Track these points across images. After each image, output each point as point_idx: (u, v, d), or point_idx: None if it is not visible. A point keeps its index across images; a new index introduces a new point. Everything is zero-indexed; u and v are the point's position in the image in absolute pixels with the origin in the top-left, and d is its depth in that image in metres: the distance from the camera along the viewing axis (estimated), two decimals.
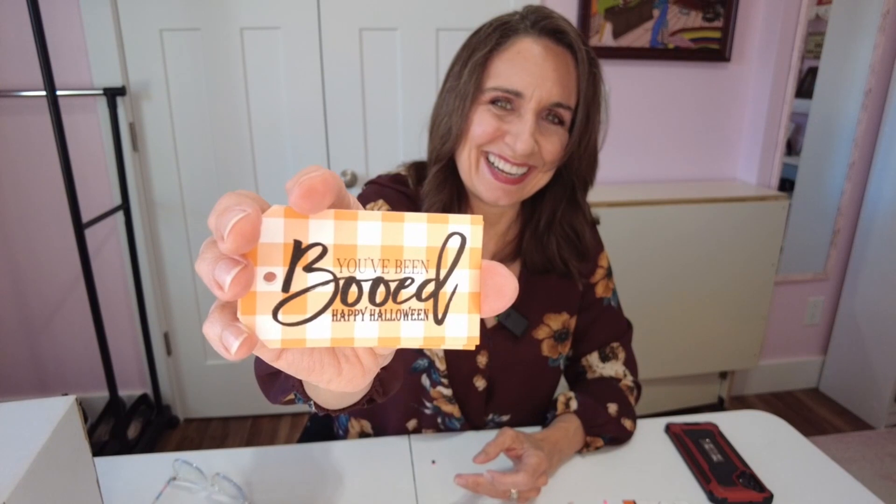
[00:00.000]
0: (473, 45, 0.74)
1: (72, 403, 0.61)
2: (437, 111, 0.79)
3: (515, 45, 0.71)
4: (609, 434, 0.87)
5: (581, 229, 0.86)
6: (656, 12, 2.00)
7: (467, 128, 0.73)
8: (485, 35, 0.73)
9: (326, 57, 1.93)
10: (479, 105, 0.73)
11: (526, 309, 0.88)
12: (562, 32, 0.71)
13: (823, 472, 0.84)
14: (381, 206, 0.83)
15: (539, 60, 0.70)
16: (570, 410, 0.87)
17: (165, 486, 0.79)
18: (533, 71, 0.70)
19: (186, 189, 2.02)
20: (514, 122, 0.72)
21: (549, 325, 0.90)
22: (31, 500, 0.52)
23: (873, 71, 2.11)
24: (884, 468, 2.00)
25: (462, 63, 0.74)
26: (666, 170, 2.24)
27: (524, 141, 0.70)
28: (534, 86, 0.70)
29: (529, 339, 0.89)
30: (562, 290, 0.90)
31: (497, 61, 0.71)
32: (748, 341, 2.18)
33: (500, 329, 0.87)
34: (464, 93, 0.72)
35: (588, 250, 0.88)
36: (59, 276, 2.06)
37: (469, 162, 0.75)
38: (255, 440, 2.17)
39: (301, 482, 0.81)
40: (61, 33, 1.80)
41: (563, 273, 0.87)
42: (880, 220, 2.20)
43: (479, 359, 0.87)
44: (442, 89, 0.78)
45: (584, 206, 0.86)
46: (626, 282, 2.01)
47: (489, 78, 0.72)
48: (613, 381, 0.94)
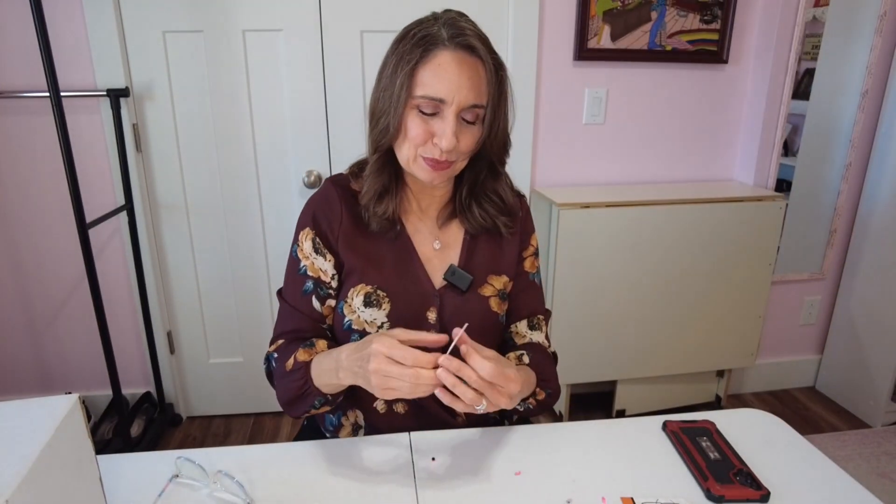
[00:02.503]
0: (401, 53, 0.86)
1: (75, 402, 0.61)
2: (373, 106, 0.92)
3: (436, 57, 0.84)
4: (550, 389, 0.98)
5: (503, 192, 1.01)
6: (654, 14, 2.01)
7: (402, 127, 0.87)
8: (410, 47, 0.85)
9: (328, 59, 1.94)
10: (410, 109, 0.86)
11: (470, 268, 1.00)
12: (472, 48, 0.85)
13: (820, 470, 0.85)
14: (307, 234, 0.97)
15: (456, 71, 0.84)
16: (524, 363, 0.97)
17: (168, 484, 0.80)
18: (452, 80, 0.84)
19: (189, 189, 2.03)
20: (437, 124, 0.86)
21: (492, 284, 1.01)
22: (34, 498, 0.52)
23: (870, 72, 2.13)
24: (880, 466, 2.02)
25: (392, 69, 0.87)
26: (664, 170, 2.25)
27: (448, 139, 0.85)
28: (453, 92, 0.84)
29: (477, 295, 1.00)
30: (500, 253, 1.03)
31: (422, 71, 0.85)
32: (745, 340, 2.20)
33: (447, 287, 0.98)
34: (397, 98, 0.85)
35: (510, 208, 1.02)
36: (62, 276, 2.07)
37: (408, 156, 0.90)
38: (257, 438, 2.18)
39: (302, 479, 0.82)
40: (65, 35, 1.81)
41: (493, 230, 1.01)
42: (877, 220, 2.22)
43: (429, 315, 0.97)
44: (377, 86, 0.91)
45: (504, 176, 1.01)
46: (623, 281, 2.03)
47: (417, 86, 0.85)
48: (542, 347, 1.04)
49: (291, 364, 0.91)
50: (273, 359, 0.97)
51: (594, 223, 1.93)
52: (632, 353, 2.10)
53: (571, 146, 2.15)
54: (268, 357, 0.99)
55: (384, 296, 0.94)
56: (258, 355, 2.24)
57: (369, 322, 0.94)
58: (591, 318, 2.01)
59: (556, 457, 0.87)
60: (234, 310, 2.19)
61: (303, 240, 0.98)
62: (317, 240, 0.97)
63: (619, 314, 2.04)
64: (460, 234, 1.02)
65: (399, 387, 0.74)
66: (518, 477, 0.82)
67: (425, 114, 0.86)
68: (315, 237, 0.97)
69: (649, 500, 0.78)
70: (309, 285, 0.97)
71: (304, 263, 0.97)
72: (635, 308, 2.05)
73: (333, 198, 0.98)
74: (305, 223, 0.99)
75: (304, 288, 0.97)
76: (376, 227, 0.96)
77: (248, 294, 2.18)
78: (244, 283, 2.16)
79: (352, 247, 0.96)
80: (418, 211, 1.01)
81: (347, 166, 1.03)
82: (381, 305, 0.94)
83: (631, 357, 2.11)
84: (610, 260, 1.98)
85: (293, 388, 0.90)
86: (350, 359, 0.80)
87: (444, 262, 1.00)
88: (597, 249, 1.96)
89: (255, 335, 2.23)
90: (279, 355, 0.95)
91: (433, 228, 1.02)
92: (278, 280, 2.19)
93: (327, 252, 0.97)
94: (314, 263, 0.97)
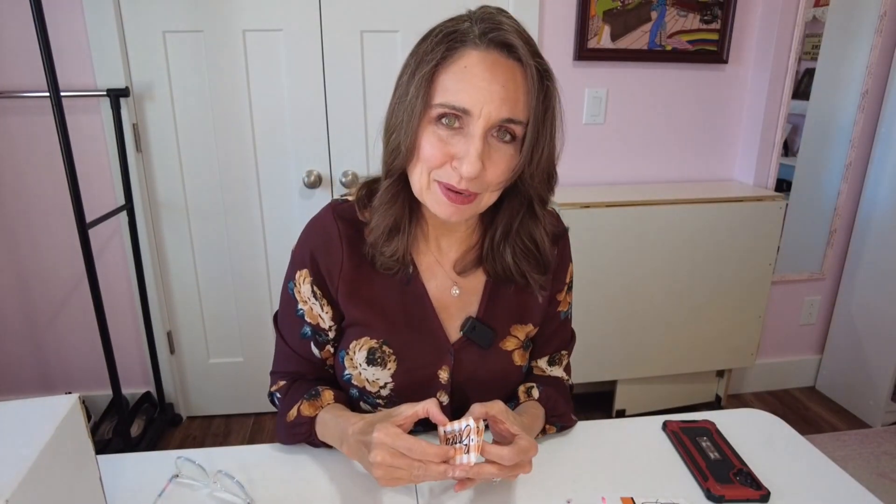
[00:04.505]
0: (421, 55, 0.69)
1: (75, 402, 0.61)
2: (388, 121, 0.75)
3: (462, 58, 0.67)
4: (561, 423, 0.91)
5: (541, 240, 0.83)
6: (654, 14, 2.01)
7: (416, 146, 0.70)
8: (432, 45, 0.68)
9: (328, 59, 1.94)
10: (428, 123, 0.69)
11: (492, 319, 0.87)
12: (510, 47, 0.67)
13: (820, 470, 0.85)
14: (305, 276, 0.83)
15: (487, 75, 0.66)
16: (533, 398, 0.89)
17: (168, 484, 0.80)
18: (480, 86, 0.66)
19: (189, 189, 2.03)
20: (460, 143, 0.69)
21: (516, 336, 0.89)
22: (35, 497, 0.52)
23: (870, 72, 2.13)
24: (880, 466, 2.02)
25: (410, 74, 0.70)
26: (664, 170, 2.25)
27: (471, 162, 0.67)
28: (481, 103, 0.66)
29: (498, 350, 0.87)
30: (525, 301, 0.89)
31: (444, 75, 0.67)
32: (745, 340, 2.20)
33: (465, 342, 0.86)
34: (411, 109, 0.69)
35: (548, 262, 0.85)
36: (62, 276, 2.07)
37: (420, 182, 0.73)
38: (257, 438, 2.19)
39: (302, 479, 0.82)
40: (65, 35, 1.81)
41: (523, 285, 0.85)
42: (877, 220, 2.22)
43: (441, 374, 0.85)
44: (392, 97, 0.74)
45: (543, 219, 0.82)
46: (623, 281, 2.02)
47: (436, 93, 0.68)
48: (560, 381, 0.97)
49: (294, 417, 0.84)
50: (276, 398, 0.91)
51: (594, 223, 1.93)
52: (632, 353, 2.10)
53: (571, 146, 2.15)
54: (271, 394, 0.93)
55: (390, 353, 0.83)
56: (258, 355, 2.24)
57: (370, 381, 0.84)
58: (591, 318, 2.01)
59: (556, 457, 0.87)
60: (234, 310, 2.19)
61: (300, 281, 0.84)
62: (314, 287, 0.84)
63: (618, 314, 2.04)
64: (481, 278, 0.87)
65: (404, 477, 0.67)
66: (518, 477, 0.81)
67: (445, 128, 0.69)
68: (313, 283, 0.84)
69: (649, 500, 0.78)
70: (307, 331, 0.86)
71: (302, 307, 0.85)
72: (635, 308, 2.05)
73: (334, 235, 0.82)
74: (302, 262, 0.84)
75: (302, 332, 0.87)
76: (382, 267, 0.81)
77: (248, 294, 2.18)
78: (244, 282, 2.16)
79: (354, 295, 0.83)
80: (436, 251, 0.85)
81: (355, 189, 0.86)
82: (385, 364, 0.83)
83: (631, 357, 2.11)
84: (610, 260, 1.98)
85: (295, 439, 0.85)
86: (355, 439, 0.73)
87: (461, 311, 0.86)
88: (597, 249, 1.96)
89: (255, 335, 2.23)
90: (282, 398, 0.88)
91: (452, 272, 0.86)
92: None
93: (325, 303, 0.84)
94: (312, 309, 0.85)
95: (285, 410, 0.85)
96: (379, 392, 0.86)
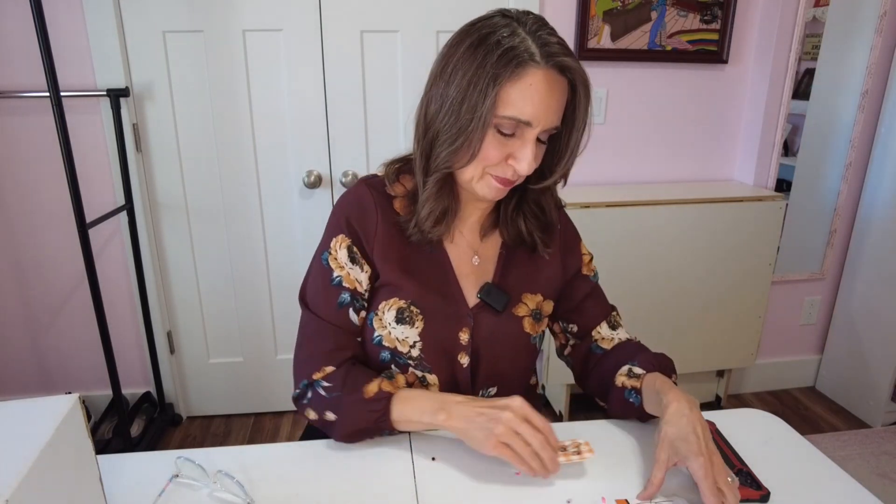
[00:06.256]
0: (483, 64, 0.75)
1: (75, 401, 0.61)
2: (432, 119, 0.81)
3: (528, 76, 0.75)
4: (674, 371, 0.97)
5: (547, 205, 0.96)
6: (654, 14, 2.01)
7: (480, 150, 0.80)
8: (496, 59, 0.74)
9: (328, 59, 1.94)
10: (488, 128, 0.78)
11: (506, 284, 0.95)
12: (569, 70, 0.78)
13: (820, 470, 0.85)
14: (341, 241, 0.89)
15: (547, 94, 0.76)
16: (643, 374, 0.92)
17: (168, 484, 0.80)
18: (542, 102, 0.76)
19: (189, 189, 2.03)
20: (515, 145, 0.80)
21: (526, 303, 0.96)
22: (34, 498, 0.52)
23: (870, 72, 2.13)
24: (880, 466, 2.02)
25: (471, 81, 0.76)
26: (664, 170, 2.25)
27: (529, 163, 0.80)
28: (540, 116, 0.77)
29: (510, 315, 0.95)
30: (537, 270, 0.98)
31: (510, 89, 0.75)
32: (745, 340, 2.20)
33: (482, 307, 0.93)
34: (479, 119, 0.76)
35: (552, 223, 0.97)
36: (62, 276, 2.07)
37: (473, 174, 0.83)
38: (257, 437, 2.19)
39: (302, 479, 0.82)
40: (65, 35, 1.81)
41: (531, 246, 0.96)
42: (876, 220, 2.22)
43: (462, 336, 0.92)
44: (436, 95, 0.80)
45: (552, 188, 0.94)
46: (624, 281, 2.03)
47: (500, 105, 0.76)
48: (632, 342, 1.01)
49: (375, 392, 0.85)
50: (322, 386, 0.87)
51: (594, 223, 1.93)
52: None
53: None
54: (312, 384, 0.88)
55: (417, 312, 0.89)
56: (258, 355, 2.24)
57: (401, 340, 0.89)
58: None
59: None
60: (234, 310, 2.19)
61: (336, 247, 0.89)
62: (353, 248, 0.89)
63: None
64: (496, 248, 0.97)
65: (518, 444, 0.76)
66: (518, 477, 0.82)
67: (503, 134, 0.79)
68: (351, 245, 0.89)
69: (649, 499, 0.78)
70: (345, 297, 0.89)
71: (339, 274, 0.89)
72: (635, 308, 2.05)
73: (369, 202, 0.90)
74: (338, 229, 0.90)
75: (340, 300, 0.89)
76: (417, 241, 0.90)
77: (248, 294, 2.18)
78: (244, 282, 2.16)
79: (388, 257, 0.89)
80: (459, 221, 0.94)
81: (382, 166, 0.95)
82: (413, 323, 0.89)
83: None
84: (610, 260, 1.98)
85: (368, 418, 0.84)
86: (473, 406, 0.80)
87: (478, 279, 0.94)
88: (597, 249, 1.93)
89: (255, 335, 2.23)
90: (343, 380, 0.87)
91: (472, 240, 0.96)
92: (278, 280, 2.21)
93: (364, 262, 0.90)
94: (350, 274, 0.89)
95: (360, 386, 0.85)
96: (409, 352, 0.90)
